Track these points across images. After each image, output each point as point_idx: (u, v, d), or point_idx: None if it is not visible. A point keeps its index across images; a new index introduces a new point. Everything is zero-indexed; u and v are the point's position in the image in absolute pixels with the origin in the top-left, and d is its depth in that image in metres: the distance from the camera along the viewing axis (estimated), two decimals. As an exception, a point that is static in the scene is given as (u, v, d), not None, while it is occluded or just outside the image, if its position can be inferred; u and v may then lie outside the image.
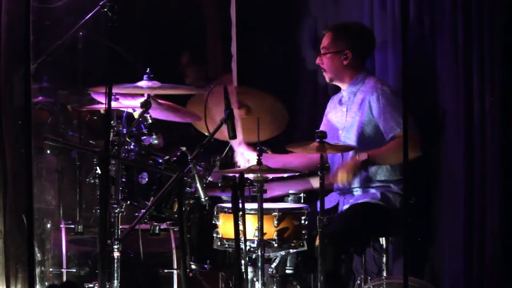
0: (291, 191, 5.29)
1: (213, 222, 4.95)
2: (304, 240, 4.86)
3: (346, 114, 5.33)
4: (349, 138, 5.26)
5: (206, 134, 4.81)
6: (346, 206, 5.20)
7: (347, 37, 5.32)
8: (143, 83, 5.03)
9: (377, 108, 5.18)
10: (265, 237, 4.76)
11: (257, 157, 4.76)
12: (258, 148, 4.80)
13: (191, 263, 5.21)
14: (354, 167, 5.04)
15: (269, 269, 5.00)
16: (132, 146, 4.95)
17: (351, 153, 5.19)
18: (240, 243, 4.46)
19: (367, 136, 5.22)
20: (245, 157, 5.26)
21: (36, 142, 4.57)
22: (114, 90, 4.80)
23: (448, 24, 5.21)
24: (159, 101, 5.22)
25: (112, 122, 4.88)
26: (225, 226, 4.89)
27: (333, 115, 5.43)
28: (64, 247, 5.19)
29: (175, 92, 5.37)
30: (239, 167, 5.18)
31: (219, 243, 4.92)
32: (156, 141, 5.04)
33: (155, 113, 5.09)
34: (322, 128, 5.45)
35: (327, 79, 5.40)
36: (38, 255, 5.21)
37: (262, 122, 4.93)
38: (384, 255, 5.17)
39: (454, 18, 5.17)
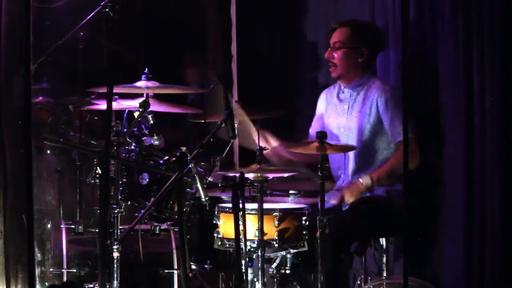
0: (291, 191, 5.29)
1: (214, 222, 4.95)
2: (304, 240, 4.86)
3: (348, 112, 5.30)
4: (351, 137, 5.24)
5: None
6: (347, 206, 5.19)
7: (365, 34, 5.29)
8: (141, 83, 5.03)
9: (385, 111, 5.16)
10: (266, 237, 4.76)
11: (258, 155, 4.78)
12: (258, 148, 4.82)
13: (191, 263, 5.21)
14: (358, 190, 5.04)
15: (270, 269, 5.00)
16: (133, 147, 4.95)
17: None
18: (241, 243, 4.47)
19: (370, 136, 5.20)
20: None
21: (36, 142, 4.57)
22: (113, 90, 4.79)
23: (448, 24, 5.21)
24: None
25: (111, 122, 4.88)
26: (225, 226, 4.89)
27: (332, 112, 5.39)
28: (65, 247, 5.18)
29: (174, 92, 5.38)
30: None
31: (219, 243, 4.92)
32: (157, 142, 5.04)
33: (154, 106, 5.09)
34: (315, 123, 5.42)
35: (335, 75, 5.33)
36: (38, 255, 5.20)
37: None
38: (385, 255, 5.17)
39: (454, 18, 5.17)
